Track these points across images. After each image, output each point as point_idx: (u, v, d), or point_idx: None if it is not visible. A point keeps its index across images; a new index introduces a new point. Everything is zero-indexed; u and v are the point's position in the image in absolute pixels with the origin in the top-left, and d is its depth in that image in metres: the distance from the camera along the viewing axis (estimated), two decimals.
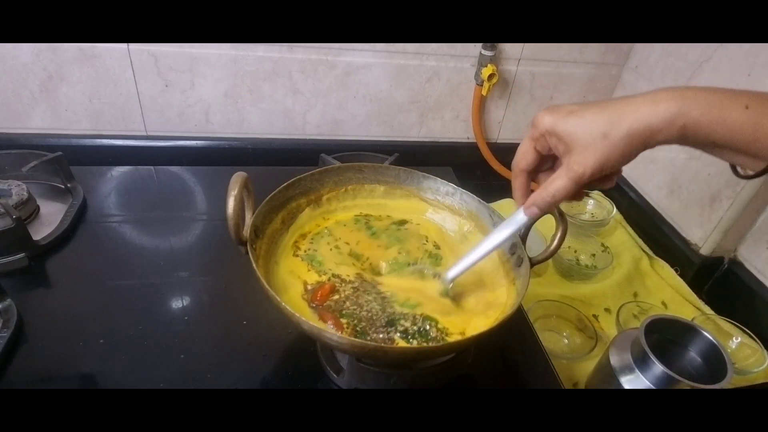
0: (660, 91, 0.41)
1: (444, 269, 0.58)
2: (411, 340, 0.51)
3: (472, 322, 0.54)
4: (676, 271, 0.97)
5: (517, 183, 0.50)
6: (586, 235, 1.02)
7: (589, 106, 0.43)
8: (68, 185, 0.79)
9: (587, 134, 0.41)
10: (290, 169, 0.71)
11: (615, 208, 1.07)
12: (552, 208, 0.48)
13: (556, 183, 0.45)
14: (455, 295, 0.57)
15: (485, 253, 0.54)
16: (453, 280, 0.56)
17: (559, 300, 0.87)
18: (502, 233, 0.53)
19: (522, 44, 1.04)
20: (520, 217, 0.51)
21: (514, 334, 0.66)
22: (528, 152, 0.47)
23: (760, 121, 0.38)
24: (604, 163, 0.42)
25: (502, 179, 1.17)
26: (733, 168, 0.44)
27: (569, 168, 0.43)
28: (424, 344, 0.50)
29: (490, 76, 1.02)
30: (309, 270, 0.58)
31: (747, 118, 0.38)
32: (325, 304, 0.53)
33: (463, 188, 0.67)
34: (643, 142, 0.41)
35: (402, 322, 0.52)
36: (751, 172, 0.41)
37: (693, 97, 0.39)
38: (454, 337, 0.52)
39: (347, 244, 0.62)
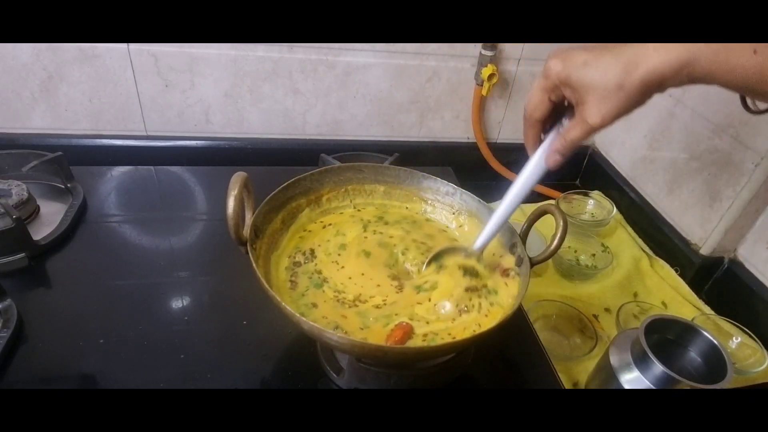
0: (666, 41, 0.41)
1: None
2: None
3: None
4: (676, 271, 0.97)
5: (531, 133, 0.50)
6: (586, 235, 1.02)
7: (602, 52, 0.42)
8: (68, 185, 0.79)
9: (602, 85, 0.42)
10: (290, 169, 0.71)
11: (615, 208, 1.07)
12: (571, 152, 0.49)
13: (573, 133, 0.46)
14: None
15: (510, 210, 0.54)
16: (482, 249, 0.56)
17: (559, 300, 0.87)
18: (524, 185, 0.53)
19: (522, 44, 1.04)
20: (539, 167, 0.51)
21: (514, 334, 0.66)
22: (542, 102, 0.47)
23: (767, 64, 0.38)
24: (619, 113, 0.43)
25: (502, 179, 1.18)
26: (743, 101, 0.45)
27: (584, 119, 0.44)
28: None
29: (490, 76, 1.02)
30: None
31: (755, 62, 0.39)
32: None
33: (463, 188, 0.67)
34: (656, 88, 0.42)
35: None
36: (762, 107, 0.42)
37: (701, 44, 0.39)
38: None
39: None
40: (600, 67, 0.42)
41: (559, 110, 0.49)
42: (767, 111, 0.42)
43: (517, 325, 0.67)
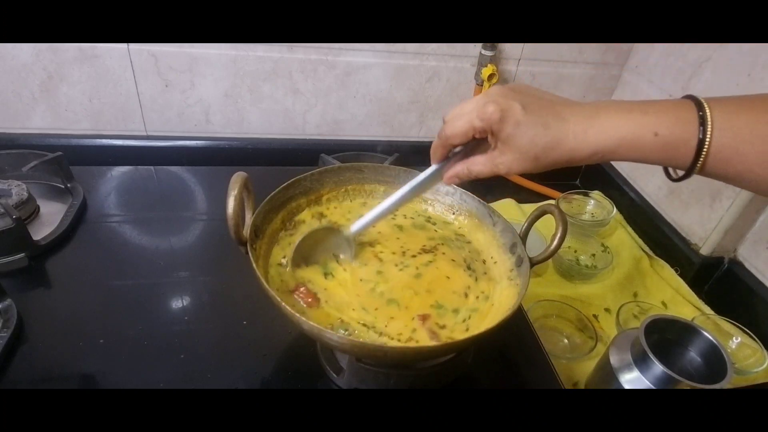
0: (588, 117, 0.45)
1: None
2: None
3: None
4: (676, 271, 0.97)
5: (441, 151, 0.52)
6: (586, 235, 1.02)
7: (536, 115, 0.45)
8: (68, 185, 0.79)
9: (523, 151, 0.46)
10: (290, 169, 0.71)
11: (615, 208, 1.07)
12: (469, 181, 0.53)
13: (479, 167, 0.50)
14: None
15: (394, 206, 0.56)
16: (356, 233, 0.57)
17: (559, 300, 0.87)
18: (415, 188, 0.55)
19: (522, 44, 1.04)
20: (437, 178, 0.54)
21: (514, 334, 0.66)
22: (464, 135, 0.49)
23: (669, 143, 0.43)
24: (525, 172, 0.48)
25: (502, 179, 1.18)
26: (666, 171, 0.48)
27: (495, 163, 0.48)
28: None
29: (490, 76, 1.02)
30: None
31: (656, 144, 0.43)
32: None
33: (463, 188, 0.67)
34: (563, 165, 0.47)
35: None
36: (680, 174, 0.46)
37: (608, 133, 0.44)
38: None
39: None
40: (528, 135, 0.45)
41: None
42: (683, 179, 0.46)
43: (517, 325, 0.67)
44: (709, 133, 0.41)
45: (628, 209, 1.10)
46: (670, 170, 0.48)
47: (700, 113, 0.42)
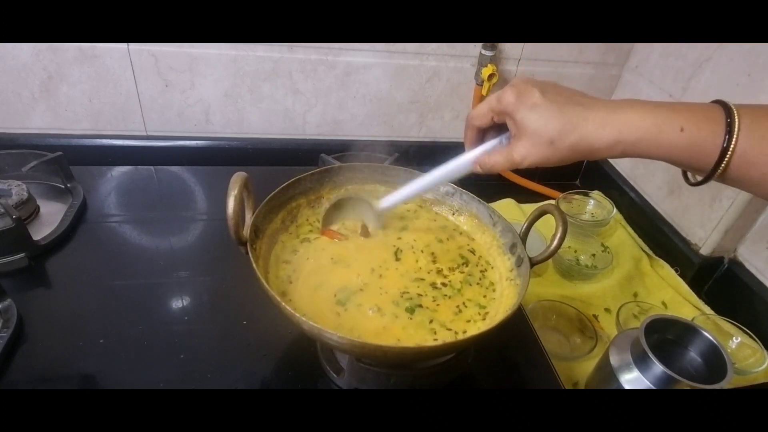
0: (611, 109, 0.44)
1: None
2: None
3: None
4: (676, 271, 0.97)
5: (469, 133, 0.53)
6: (586, 235, 1.02)
7: (552, 102, 0.45)
8: (68, 185, 0.79)
9: (537, 134, 0.45)
10: (290, 169, 0.71)
11: (615, 208, 1.07)
12: (490, 173, 0.53)
13: (496, 159, 0.50)
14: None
15: (425, 188, 0.58)
16: (385, 210, 0.59)
17: (559, 300, 0.87)
18: (447, 173, 0.56)
19: (522, 44, 1.04)
20: (467, 166, 0.54)
21: (514, 334, 0.66)
22: (484, 117, 0.50)
23: (695, 142, 0.42)
24: (543, 162, 0.47)
25: (502, 179, 1.18)
26: (684, 174, 0.48)
27: (511, 153, 0.47)
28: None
29: (490, 76, 1.02)
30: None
31: (681, 140, 0.42)
32: None
33: (463, 188, 0.67)
34: (584, 156, 0.45)
35: None
36: (699, 179, 0.45)
37: (633, 123, 0.43)
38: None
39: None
40: (543, 117, 0.44)
41: (503, 127, 0.51)
42: (703, 183, 0.45)
43: (517, 325, 0.67)
44: (735, 133, 0.40)
45: (628, 209, 1.10)
46: (689, 174, 0.47)
47: (728, 117, 0.41)
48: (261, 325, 0.61)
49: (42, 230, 0.71)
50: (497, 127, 0.52)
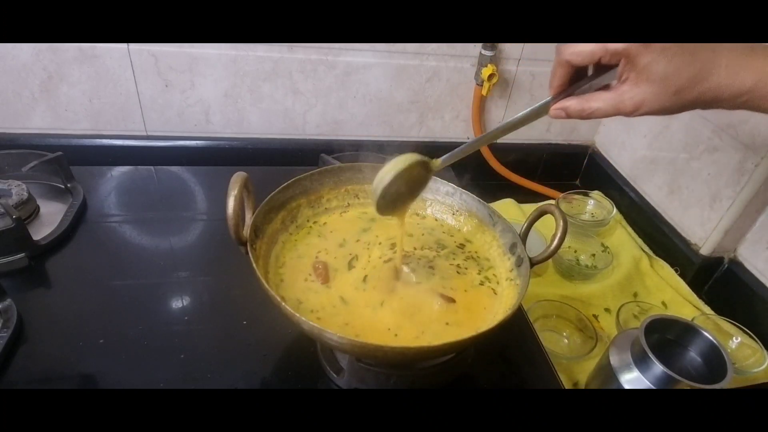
0: (745, 53, 0.39)
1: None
2: None
3: None
4: (676, 271, 0.97)
5: (560, 73, 0.44)
6: (586, 235, 1.02)
7: (681, 50, 0.39)
8: (68, 185, 0.79)
9: (664, 81, 0.39)
10: (290, 169, 0.71)
11: (615, 208, 1.07)
12: (579, 118, 0.45)
13: (598, 104, 0.42)
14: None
15: (495, 132, 0.50)
16: (444, 164, 0.54)
17: (559, 300, 0.87)
18: (519, 116, 0.47)
19: (522, 44, 1.04)
20: (541, 104, 0.46)
21: (514, 334, 0.66)
22: (590, 54, 0.41)
23: None
24: (658, 113, 0.41)
25: (502, 179, 1.18)
26: None
27: (621, 99, 0.41)
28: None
29: (490, 76, 1.02)
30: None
31: None
32: None
33: (463, 188, 0.67)
34: (703, 107, 0.41)
35: None
36: None
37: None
38: None
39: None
40: (674, 62, 0.38)
41: (600, 69, 0.44)
42: None
43: (517, 325, 0.67)
44: None
45: (628, 209, 1.10)
46: None
47: None
48: (261, 325, 0.61)
49: (42, 230, 0.71)
50: (597, 69, 0.44)
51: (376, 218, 0.67)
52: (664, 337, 0.68)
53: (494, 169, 1.16)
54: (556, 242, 0.54)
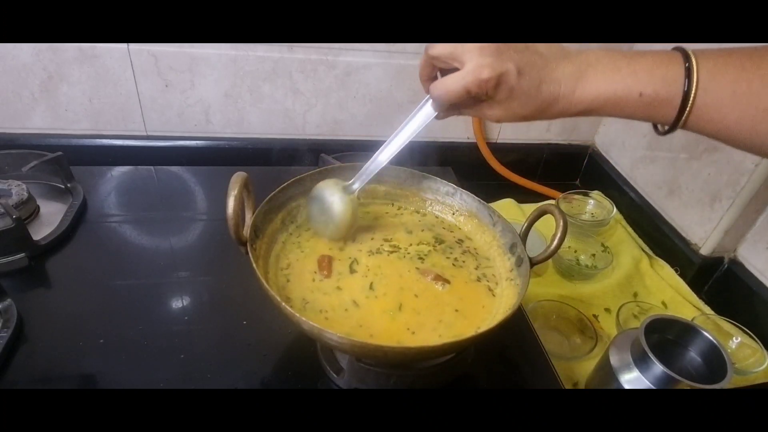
0: (578, 77, 0.47)
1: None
2: None
3: None
4: (676, 271, 0.97)
5: (426, 70, 0.59)
6: (586, 235, 1.02)
7: (529, 82, 0.47)
8: (68, 185, 0.79)
9: (512, 111, 0.49)
10: (290, 169, 0.71)
11: (615, 208, 1.07)
12: (443, 111, 0.59)
13: (468, 112, 0.55)
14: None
15: (391, 152, 0.59)
16: (357, 189, 0.59)
17: (559, 300, 0.87)
18: (403, 128, 0.61)
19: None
20: (429, 114, 0.60)
21: (514, 334, 0.66)
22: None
23: (653, 103, 0.46)
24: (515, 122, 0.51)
25: (502, 179, 1.17)
26: (654, 126, 0.51)
27: (484, 113, 0.52)
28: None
29: None
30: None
31: (640, 104, 0.46)
32: None
33: (463, 188, 0.67)
34: (558, 116, 0.50)
35: None
36: (666, 129, 0.48)
37: (598, 93, 0.47)
38: None
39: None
40: (520, 101, 0.48)
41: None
42: (669, 132, 0.48)
43: (517, 325, 0.67)
44: (692, 95, 0.44)
45: (628, 209, 1.10)
46: (658, 126, 0.50)
47: (687, 74, 0.44)
48: (261, 325, 0.61)
49: (42, 230, 0.71)
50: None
51: (378, 218, 0.67)
52: (664, 337, 0.68)
53: (494, 169, 1.16)
54: (556, 242, 0.54)
